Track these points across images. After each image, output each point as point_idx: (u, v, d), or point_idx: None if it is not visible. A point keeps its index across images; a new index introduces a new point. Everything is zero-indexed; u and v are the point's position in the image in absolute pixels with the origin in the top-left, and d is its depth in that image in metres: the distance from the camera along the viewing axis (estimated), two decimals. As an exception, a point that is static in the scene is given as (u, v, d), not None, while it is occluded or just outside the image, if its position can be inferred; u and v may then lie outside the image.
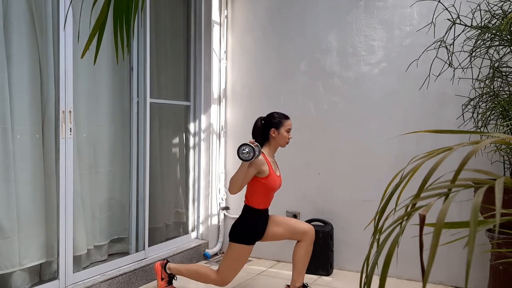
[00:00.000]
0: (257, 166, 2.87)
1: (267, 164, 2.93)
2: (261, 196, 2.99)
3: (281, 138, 3.03)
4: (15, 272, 2.72)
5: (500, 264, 2.77)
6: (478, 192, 0.82)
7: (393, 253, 0.82)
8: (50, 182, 2.91)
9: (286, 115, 3.08)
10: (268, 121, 3.05)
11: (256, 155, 2.77)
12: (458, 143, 1.01)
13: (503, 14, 2.84)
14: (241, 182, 2.84)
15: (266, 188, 2.96)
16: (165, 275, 3.21)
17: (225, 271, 3.00)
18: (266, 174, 2.93)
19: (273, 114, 3.07)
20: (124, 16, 1.52)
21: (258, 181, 2.94)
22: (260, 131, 3.06)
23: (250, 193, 3.01)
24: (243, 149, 2.77)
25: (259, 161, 2.87)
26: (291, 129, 3.08)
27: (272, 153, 3.08)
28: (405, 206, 1.00)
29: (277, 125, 3.02)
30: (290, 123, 3.07)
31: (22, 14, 2.75)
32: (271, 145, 3.05)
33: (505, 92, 2.93)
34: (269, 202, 3.07)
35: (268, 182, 2.94)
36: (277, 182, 3.02)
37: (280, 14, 4.11)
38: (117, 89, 3.47)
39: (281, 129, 3.02)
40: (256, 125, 3.09)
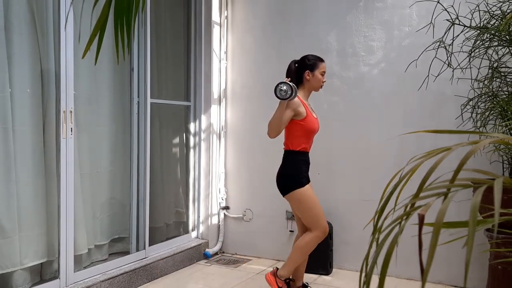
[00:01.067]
0: (294, 108, 2.78)
1: (303, 105, 2.84)
2: (301, 139, 2.86)
3: (315, 81, 2.93)
4: (16, 272, 2.73)
5: (499, 264, 2.77)
6: (477, 192, 0.82)
7: (392, 252, 0.82)
8: (51, 182, 2.92)
9: (321, 58, 2.98)
10: (302, 63, 2.95)
11: (294, 93, 2.66)
12: (457, 143, 1.02)
13: (502, 15, 2.85)
14: (279, 124, 2.75)
15: (306, 130, 2.85)
16: (282, 283, 2.92)
17: (313, 221, 2.84)
18: (304, 116, 2.82)
19: (308, 56, 2.97)
20: (125, 17, 1.53)
21: (296, 124, 2.83)
22: (294, 74, 2.94)
23: (290, 137, 2.88)
24: (280, 87, 2.67)
25: (295, 103, 2.78)
26: (325, 72, 2.98)
27: (307, 96, 2.98)
28: (404, 206, 1.01)
29: (312, 67, 2.93)
30: (324, 65, 2.98)
31: (23, 15, 2.76)
32: (305, 88, 2.96)
33: (504, 92, 2.94)
34: (310, 145, 2.94)
35: (306, 123, 2.84)
36: (316, 124, 2.92)
37: (280, 14, 4.12)
38: (118, 89, 3.47)
39: (315, 72, 2.93)
40: (289, 68, 2.97)
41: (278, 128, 2.77)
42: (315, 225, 2.86)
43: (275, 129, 2.77)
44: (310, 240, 2.88)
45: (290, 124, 2.84)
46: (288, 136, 2.90)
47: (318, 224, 2.86)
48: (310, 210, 2.85)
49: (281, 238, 4.11)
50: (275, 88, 2.69)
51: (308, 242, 2.88)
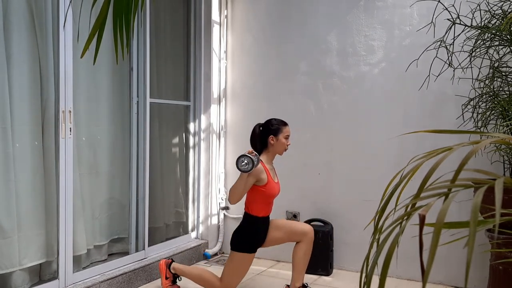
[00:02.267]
0: (256, 175, 2.88)
1: (265, 172, 2.94)
2: (261, 204, 3.00)
3: (279, 145, 3.04)
4: (15, 272, 2.72)
5: (500, 264, 2.77)
6: (478, 192, 0.82)
7: (393, 253, 0.82)
8: (50, 182, 2.91)
9: (285, 122, 3.09)
10: (266, 128, 3.06)
11: (254, 166, 2.78)
12: (458, 143, 1.01)
13: (503, 14, 2.84)
14: (241, 191, 2.87)
15: (265, 196, 2.97)
16: (170, 274, 3.22)
17: (229, 279, 3.01)
18: (265, 182, 2.94)
19: (271, 121, 3.08)
20: (124, 16, 1.52)
21: (257, 189, 2.95)
22: (259, 138, 3.07)
23: (249, 201, 3.02)
24: (242, 161, 2.78)
25: (258, 170, 2.88)
26: (289, 135, 3.08)
27: (271, 160, 3.09)
28: (405, 206, 1.00)
29: (275, 132, 3.03)
30: (288, 129, 3.07)
31: (22, 14, 2.75)
32: (270, 152, 3.06)
33: (505, 92, 2.93)
34: (269, 210, 3.09)
35: (267, 189, 2.95)
36: (276, 189, 3.03)
37: (280, 14, 4.11)
38: (117, 89, 3.47)
39: (279, 136, 3.03)
40: (254, 132, 3.10)
41: (240, 195, 2.89)
42: (226, 282, 3.01)
43: (236, 196, 2.89)
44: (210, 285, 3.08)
45: (251, 189, 2.96)
46: (248, 199, 3.03)
47: (228, 283, 3.01)
48: (235, 272, 3.01)
49: (281, 238, 4.10)
50: (237, 160, 2.80)
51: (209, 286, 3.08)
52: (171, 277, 3.22)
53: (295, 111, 3.96)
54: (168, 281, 3.22)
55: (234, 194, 2.88)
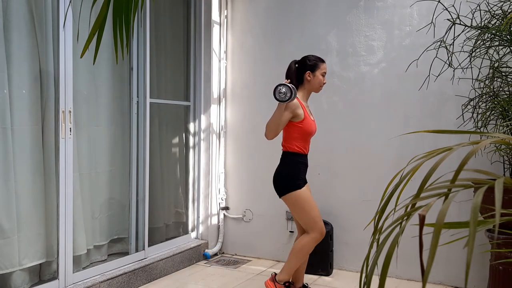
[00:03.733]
0: (292, 109, 2.77)
1: (302, 107, 2.83)
2: (299, 141, 2.86)
3: (316, 82, 2.92)
4: (15, 272, 2.72)
5: (500, 264, 2.77)
6: (478, 192, 0.82)
7: (393, 253, 0.82)
8: (50, 182, 2.91)
9: (322, 58, 2.98)
10: (303, 63, 2.93)
11: (293, 95, 2.65)
12: (458, 143, 1.01)
13: (503, 14, 2.84)
14: (277, 125, 2.75)
15: (303, 132, 2.84)
16: (281, 287, 2.90)
17: (310, 223, 2.81)
18: (302, 118, 2.82)
19: (308, 56, 2.95)
20: (124, 16, 1.52)
21: (294, 126, 2.83)
22: (295, 74, 2.93)
23: (287, 138, 2.88)
24: (279, 89, 2.66)
25: (294, 104, 2.77)
26: (326, 73, 2.97)
27: (306, 97, 2.96)
28: (405, 206, 1.00)
29: (312, 67, 2.91)
30: (325, 66, 2.96)
31: (22, 14, 2.75)
32: (305, 89, 2.94)
33: (505, 92, 2.93)
34: (308, 147, 2.93)
35: (304, 126, 2.83)
36: (313, 126, 2.91)
37: (280, 14, 4.11)
38: (117, 89, 3.47)
39: (316, 72, 2.91)
40: (290, 68, 2.95)
41: (276, 129, 2.77)
42: (312, 227, 2.84)
43: (273, 131, 2.77)
44: (307, 242, 2.86)
45: (288, 125, 2.84)
46: (286, 137, 2.90)
47: (315, 226, 2.84)
48: (307, 212, 2.82)
49: (281, 238, 4.10)
50: (274, 89, 2.68)
51: (305, 244, 2.87)
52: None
53: (295, 111, 3.95)
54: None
55: (271, 128, 2.75)
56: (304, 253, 2.90)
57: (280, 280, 2.89)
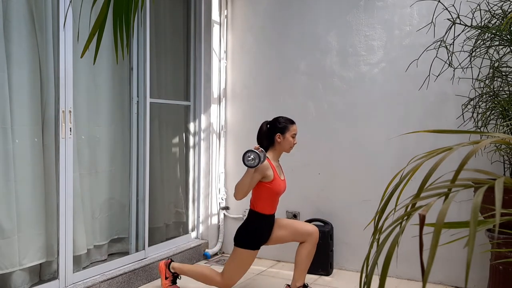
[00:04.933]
0: (262, 171, 2.88)
1: (271, 168, 2.95)
2: (266, 201, 3.00)
3: (286, 143, 3.04)
4: (15, 272, 2.72)
5: (500, 264, 2.77)
6: (478, 192, 0.81)
7: (393, 253, 0.81)
8: (50, 182, 2.91)
9: (292, 120, 3.09)
10: (273, 125, 3.06)
11: (261, 161, 2.78)
12: (458, 143, 1.01)
13: (503, 14, 2.84)
14: (246, 187, 2.87)
15: (271, 193, 2.97)
16: (169, 274, 3.22)
17: (230, 275, 3.01)
18: (271, 179, 2.94)
19: (279, 119, 3.08)
20: (124, 16, 1.52)
21: (263, 186, 2.95)
22: (266, 135, 3.07)
23: (255, 198, 3.01)
24: (248, 156, 2.79)
25: (264, 166, 2.88)
26: (296, 134, 3.09)
27: (277, 157, 3.09)
28: (405, 206, 1.00)
29: (282, 130, 3.03)
30: (295, 128, 3.08)
31: (22, 14, 2.75)
32: (276, 149, 3.07)
33: (505, 92, 2.93)
34: (275, 207, 3.09)
35: (273, 186, 2.95)
36: (282, 186, 3.03)
37: (280, 14, 4.11)
38: (117, 89, 3.47)
39: (286, 134, 3.03)
40: (261, 129, 3.10)
41: (246, 191, 2.89)
42: (227, 277, 3.02)
43: (242, 192, 2.89)
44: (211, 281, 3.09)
45: (257, 185, 2.96)
46: (254, 196, 3.02)
47: (229, 279, 3.02)
48: (237, 269, 3.00)
49: (281, 238, 4.10)
50: (243, 155, 2.80)
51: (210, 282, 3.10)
52: (171, 276, 3.22)
53: (295, 111, 3.95)
54: (167, 281, 3.22)
55: (240, 190, 2.88)
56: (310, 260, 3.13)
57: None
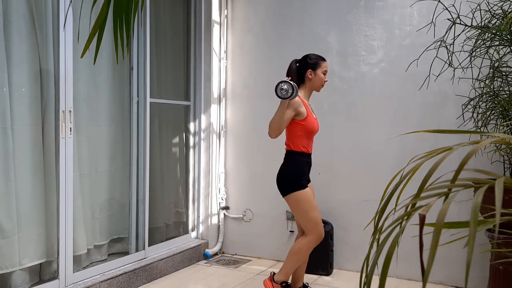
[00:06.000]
0: (295, 107, 2.76)
1: (304, 105, 2.83)
2: (303, 139, 2.84)
3: (317, 80, 2.92)
4: (15, 272, 2.72)
5: (500, 264, 2.77)
6: (478, 192, 0.81)
7: (393, 253, 0.81)
8: (50, 182, 2.91)
9: (323, 57, 2.98)
10: (304, 62, 2.93)
11: (294, 92, 2.65)
12: (458, 143, 1.01)
13: (503, 14, 2.84)
14: (280, 123, 2.73)
15: (306, 130, 2.84)
16: (278, 286, 2.90)
17: (309, 225, 2.80)
18: (305, 116, 2.81)
19: (309, 55, 2.95)
20: (124, 16, 1.52)
21: (297, 124, 2.82)
22: (296, 73, 2.92)
23: (291, 137, 2.86)
24: (281, 86, 2.66)
25: (296, 102, 2.76)
26: (327, 72, 2.98)
27: (308, 96, 2.96)
28: (405, 206, 1.00)
29: (314, 66, 2.91)
30: (326, 64, 2.96)
31: (22, 14, 2.75)
32: (307, 87, 2.94)
33: (505, 92, 2.93)
34: (311, 146, 2.92)
35: (307, 123, 2.83)
36: (316, 124, 2.90)
37: (280, 13, 4.11)
38: (117, 89, 3.47)
39: (317, 71, 2.91)
40: (291, 67, 2.94)
41: (279, 128, 2.75)
42: (311, 229, 2.83)
43: (276, 129, 2.75)
44: (304, 245, 2.86)
45: (291, 124, 2.82)
46: (289, 136, 2.88)
47: (314, 229, 2.82)
48: (307, 213, 2.81)
49: (281, 238, 4.10)
50: (276, 87, 2.67)
51: (301, 247, 2.86)
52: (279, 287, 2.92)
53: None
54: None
55: (274, 127, 2.74)
56: (301, 255, 2.89)
57: (278, 280, 2.90)
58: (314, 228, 2.82)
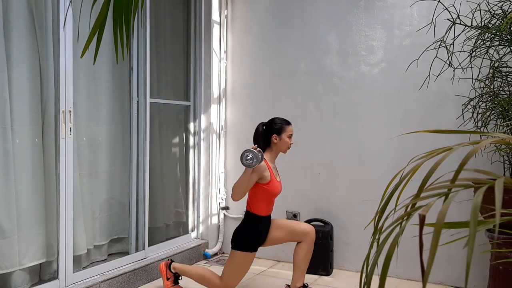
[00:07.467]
0: (259, 172, 2.88)
1: (268, 170, 2.94)
2: (263, 202, 2.99)
3: (282, 144, 3.04)
4: (15, 272, 2.72)
5: (500, 264, 2.77)
6: (478, 192, 0.81)
7: (393, 253, 0.81)
8: (50, 182, 2.91)
9: (288, 121, 3.09)
10: (269, 127, 3.06)
11: (259, 161, 2.78)
12: (458, 143, 1.01)
13: (503, 14, 2.84)
14: (244, 188, 2.87)
15: (268, 194, 2.97)
16: (171, 274, 3.21)
17: (229, 278, 3.00)
18: (268, 180, 2.93)
19: (275, 120, 3.07)
20: (124, 16, 1.52)
21: (259, 187, 2.94)
22: (262, 137, 3.07)
23: (252, 199, 3.01)
24: (246, 155, 2.78)
25: (261, 167, 2.88)
26: (292, 135, 3.09)
27: (273, 158, 3.09)
28: (405, 206, 1.00)
29: (278, 131, 3.03)
30: (291, 128, 3.08)
31: (22, 14, 2.75)
32: (273, 151, 3.06)
33: (505, 92, 2.93)
34: (271, 209, 3.08)
35: (269, 188, 2.95)
36: (278, 188, 3.03)
37: (280, 14, 4.11)
38: (117, 89, 3.47)
39: (282, 135, 3.03)
40: (257, 130, 3.09)
41: (243, 191, 2.89)
42: (227, 281, 3.01)
43: (239, 192, 2.89)
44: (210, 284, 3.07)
45: (254, 186, 2.95)
46: (250, 198, 3.02)
47: (228, 282, 3.01)
48: (236, 271, 3.00)
49: (281, 238, 4.10)
50: (242, 155, 2.80)
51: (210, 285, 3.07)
52: (172, 277, 3.21)
53: (295, 111, 3.96)
54: (169, 282, 3.20)
55: (237, 191, 2.88)
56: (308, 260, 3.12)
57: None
58: (228, 280, 3.01)
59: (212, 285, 3.06)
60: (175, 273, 3.22)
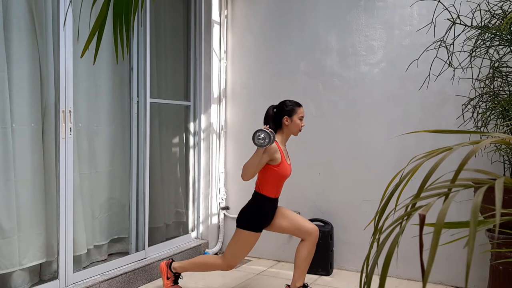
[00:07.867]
0: (270, 153, 2.86)
1: (279, 151, 2.92)
2: (272, 184, 2.97)
3: (294, 126, 3.01)
4: (15, 272, 2.72)
5: (500, 264, 2.77)
6: (478, 192, 0.81)
7: (393, 253, 0.82)
8: (50, 182, 2.91)
9: (299, 103, 3.07)
10: (280, 109, 3.03)
11: (271, 141, 2.75)
12: (458, 143, 1.01)
13: (503, 14, 2.84)
14: (254, 168, 2.84)
15: (278, 176, 2.94)
16: (171, 274, 3.21)
17: (231, 257, 2.99)
18: (278, 162, 2.91)
19: (286, 102, 3.05)
20: (124, 16, 1.52)
21: (270, 169, 2.92)
22: (273, 119, 3.04)
23: (261, 180, 2.98)
24: (258, 135, 2.75)
25: (272, 148, 2.86)
26: (303, 117, 3.06)
27: (284, 141, 3.06)
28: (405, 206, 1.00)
29: (290, 112, 3.00)
30: (302, 110, 3.06)
31: (22, 14, 2.75)
32: (284, 133, 3.04)
33: (505, 92, 2.93)
34: (279, 191, 3.05)
35: (279, 169, 2.92)
36: (288, 170, 3.00)
37: (280, 14, 4.11)
38: (117, 89, 3.47)
39: (294, 117, 3.00)
40: (268, 113, 3.07)
41: (253, 172, 2.87)
42: (229, 259, 3.00)
43: (249, 173, 2.86)
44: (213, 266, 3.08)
45: (264, 168, 2.94)
46: (260, 180, 3.00)
47: (230, 261, 3.01)
48: (239, 250, 2.99)
49: (281, 238, 4.10)
50: (254, 134, 2.77)
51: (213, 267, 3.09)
52: (172, 277, 3.21)
53: (295, 111, 3.95)
54: (169, 282, 3.20)
55: (248, 171, 2.85)
56: (308, 261, 3.09)
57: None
58: (231, 259, 3.00)
59: (215, 267, 3.06)
60: (175, 273, 3.22)
